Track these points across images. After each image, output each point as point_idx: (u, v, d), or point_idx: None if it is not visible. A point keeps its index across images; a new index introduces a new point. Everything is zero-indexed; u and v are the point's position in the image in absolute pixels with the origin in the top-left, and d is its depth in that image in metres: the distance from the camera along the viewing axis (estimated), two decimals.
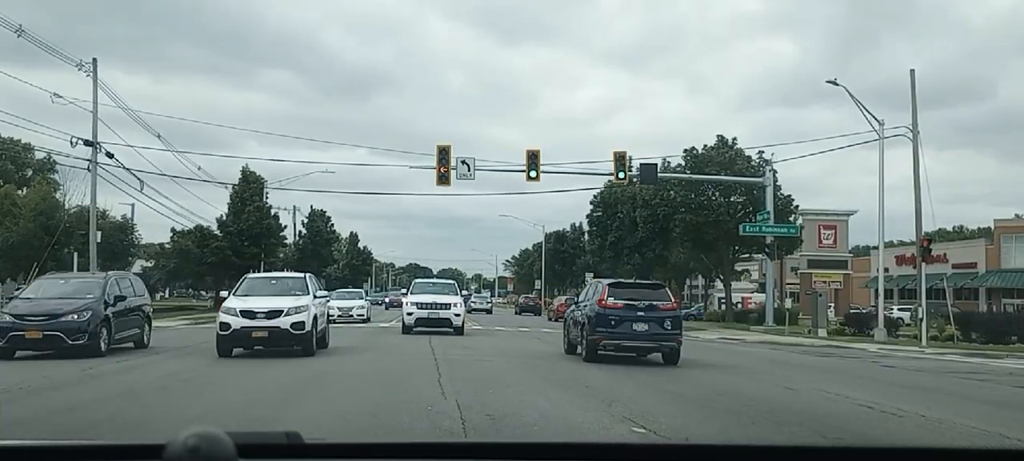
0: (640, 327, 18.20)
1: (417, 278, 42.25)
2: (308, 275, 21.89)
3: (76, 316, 17.72)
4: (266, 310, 18.40)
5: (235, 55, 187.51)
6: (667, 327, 18.35)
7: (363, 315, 40.09)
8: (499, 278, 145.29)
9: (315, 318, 18.91)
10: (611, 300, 18.60)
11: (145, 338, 20.81)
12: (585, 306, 19.72)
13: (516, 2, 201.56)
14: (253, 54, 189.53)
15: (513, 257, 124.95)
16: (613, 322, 18.27)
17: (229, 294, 20.75)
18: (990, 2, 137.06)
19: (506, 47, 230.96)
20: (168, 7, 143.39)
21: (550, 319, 48.77)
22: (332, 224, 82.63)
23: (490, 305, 69.66)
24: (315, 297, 19.62)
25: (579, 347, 19.69)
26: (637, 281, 24.39)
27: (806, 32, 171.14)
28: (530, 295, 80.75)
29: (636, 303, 18.49)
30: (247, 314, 18.31)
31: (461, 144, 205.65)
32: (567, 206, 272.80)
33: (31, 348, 17.59)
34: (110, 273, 22.59)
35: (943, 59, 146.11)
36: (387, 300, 79.64)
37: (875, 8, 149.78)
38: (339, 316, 34.87)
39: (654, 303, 18.64)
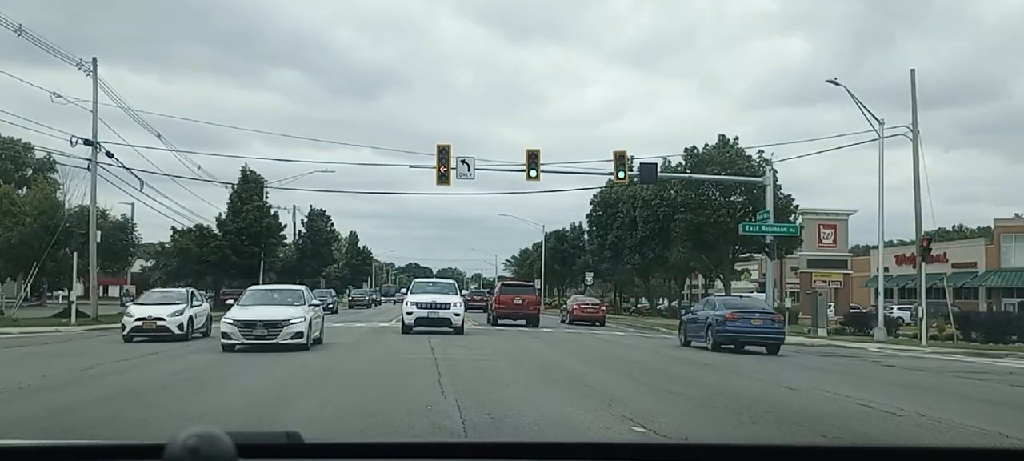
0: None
1: (417, 278, 42.14)
2: None
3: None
4: None
5: (244, 55, 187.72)
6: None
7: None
8: (499, 277, 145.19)
9: None
10: None
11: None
12: None
13: (527, 0, 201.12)
14: (262, 54, 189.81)
15: (513, 257, 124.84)
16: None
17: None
18: (1003, 1, 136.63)
19: (516, 45, 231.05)
20: (176, 6, 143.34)
21: (563, 322, 45.31)
22: (331, 224, 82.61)
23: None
24: None
25: None
26: None
27: (821, 31, 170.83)
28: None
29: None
30: None
31: (469, 144, 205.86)
32: (568, 205, 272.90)
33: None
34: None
35: (956, 58, 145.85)
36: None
37: (890, 7, 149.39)
38: None
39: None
